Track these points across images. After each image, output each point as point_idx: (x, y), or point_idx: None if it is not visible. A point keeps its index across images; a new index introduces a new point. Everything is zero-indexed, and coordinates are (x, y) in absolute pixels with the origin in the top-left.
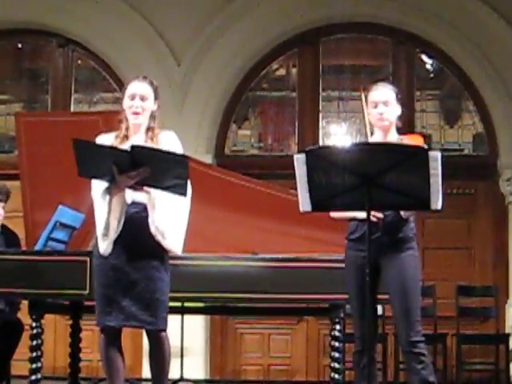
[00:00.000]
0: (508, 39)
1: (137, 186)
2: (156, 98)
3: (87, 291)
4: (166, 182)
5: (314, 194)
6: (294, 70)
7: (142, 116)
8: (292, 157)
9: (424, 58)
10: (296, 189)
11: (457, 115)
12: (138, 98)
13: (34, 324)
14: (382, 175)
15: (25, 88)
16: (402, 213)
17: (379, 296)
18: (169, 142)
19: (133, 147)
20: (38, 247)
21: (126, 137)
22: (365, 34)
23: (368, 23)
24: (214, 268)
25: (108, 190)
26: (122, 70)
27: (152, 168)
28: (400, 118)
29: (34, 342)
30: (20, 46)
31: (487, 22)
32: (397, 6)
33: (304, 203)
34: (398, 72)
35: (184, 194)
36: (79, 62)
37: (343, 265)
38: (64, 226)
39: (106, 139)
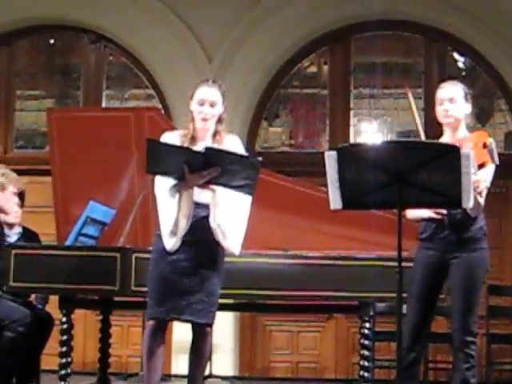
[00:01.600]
0: None
1: (205, 185)
2: (224, 101)
3: (117, 287)
4: (235, 182)
5: (345, 191)
6: (325, 68)
7: (210, 122)
8: (323, 154)
9: (456, 56)
10: (327, 186)
11: (489, 114)
12: (208, 105)
13: (63, 319)
14: (413, 173)
15: (57, 84)
16: (468, 211)
17: None
18: (233, 146)
19: (207, 149)
20: (68, 242)
21: (194, 138)
22: (396, 31)
23: (400, 21)
24: (245, 265)
25: (176, 188)
26: (154, 67)
27: (224, 169)
28: (467, 116)
29: (64, 337)
30: (52, 41)
31: None
32: (429, 3)
33: (335, 201)
34: (429, 70)
35: (251, 193)
36: (111, 58)
37: (374, 263)
38: (95, 221)
39: (171, 137)
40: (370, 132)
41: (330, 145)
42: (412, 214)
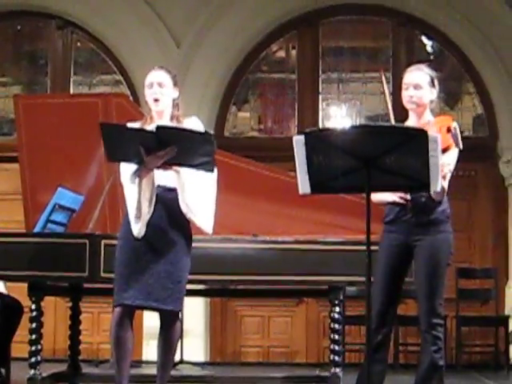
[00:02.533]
0: (509, 21)
1: (166, 166)
2: (175, 84)
3: (86, 274)
4: (193, 160)
5: (313, 176)
6: (293, 52)
7: (161, 102)
8: (291, 139)
9: (424, 39)
10: (295, 171)
11: (457, 97)
12: (156, 85)
13: (33, 306)
14: (381, 157)
15: (24, 70)
16: (432, 194)
17: None
18: (194, 127)
19: (158, 127)
20: (37, 229)
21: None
22: (364, 15)
23: (368, 5)
24: (215, 250)
25: (137, 173)
26: (122, 52)
27: (179, 147)
28: (433, 101)
29: (34, 325)
30: (19, 28)
31: (488, 4)
32: None
33: (303, 185)
34: (397, 54)
35: (212, 170)
36: (78, 44)
37: (344, 247)
38: (63, 208)
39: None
40: (338, 116)
41: (299, 129)
42: (376, 197)
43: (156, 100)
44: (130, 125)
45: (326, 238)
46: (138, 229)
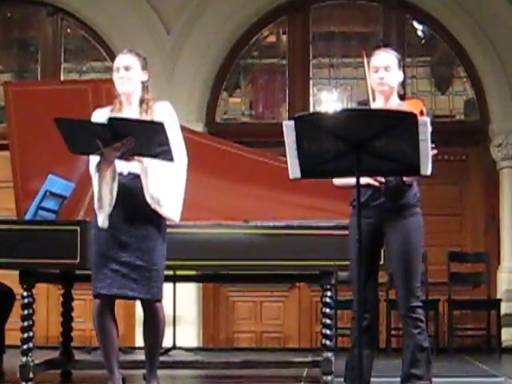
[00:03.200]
0: (500, 6)
1: (128, 157)
2: (144, 68)
3: (78, 260)
4: (152, 150)
5: (304, 160)
6: (284, 37)
7: (128, 84)
8: (282, 124)
9: (415, 24)
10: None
11: (448, 82)
12: (123, 69)
13: (24, 293)
14: (371, 141)
15: (14, 57)
16: (404, 178)
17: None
18: (163, 112)
19: (110, 119)
20: (28, 217)
21: (120, 110)
22: (355, 0)
23: None
24: (206, 236)
25: (99, 165)
26: (112, 39)
27: (135, 138)
28: (399, 84)
29: (26, 312)
30: (9, 15)
31: None
32: None
33: (293, 170)
34: (388, 38)
35: (171, 159)
36: (69, 31)
37: (335, 231)
38: (54, 195)
39: (101, 114)
40: (329, 101)
41: (290, 115)
42: (340, 181)
43: (122, 83)
44: (98, 113)
45: (316, 222)
46: (101, 220)
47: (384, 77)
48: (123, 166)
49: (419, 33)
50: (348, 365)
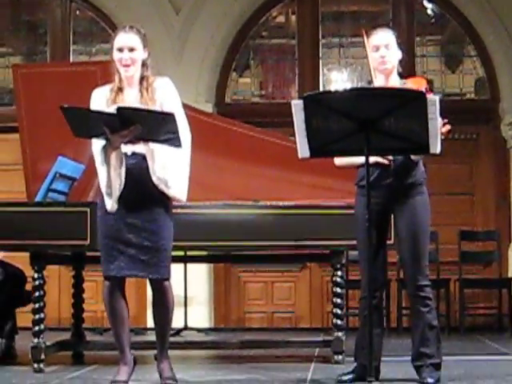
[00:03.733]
0: None
1: (134, 141)
2: (145, 46)
3: (88, 242)
4: (159, 136)
5: (313, 140)
6: (293, 17)
7: (132, 67)
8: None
9: (425, 2)
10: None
11: (458, 60)
12: (127, 50)
13: (35, 275)
14: (380, 120)
15: (23, 40)
16: (412, 156)
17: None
18: (164, 88)
19: (119, 109)
20: (38, 198)
21: (120, 89)
22: None
23: None
24: (217, 216)
25: (105, 149)
26: (121, 20)
27: (144, 126)
28: (400, 62)
29: (37, 293)
30: None
31: None
32: None
33: (302, 150)
34: (398, 17)
35: (179, 145)
36: (77, 12)
37: (345, 211)
38: (64, 177)
39: (101, 93)
40: (339, 81)
41: (300, 95)
42: (341, 160)
43: (126, 66)
44: (98, 93)
45: (327, 202)
46: (110, 204)
47: (385, 55)
48: (127, 147)
49: (429, 11)
50: (358, 344)
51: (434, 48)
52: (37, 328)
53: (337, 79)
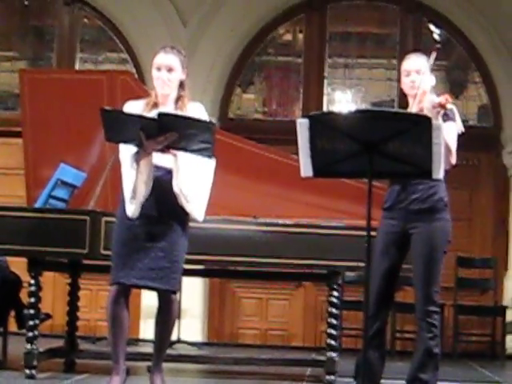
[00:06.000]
0: None
1: (164, 149)
2: (184, 67)
3: (87, 250)
4: (193, 146)
5: (316, 159)
6: (300, 36)
7: (168, 87)
8: (295, 122)
9: (431, 27)
10: (298, 154)
11: (462, 86)
12: (165, 70)
13: (32, 281)
14: (384, 143)
15: (30, 45)
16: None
17: None
18: (197, 113)
19: (160, 115)
20: (38, 204)
21: (156, 104)
22: (372, 1)
23: None
24: (215, 231)
25: (136, 155)
26: (129, 30)
27: (181, 133)
28: (432, 88)
29: (32, 299)
30: (26, 3)
31: None
32: None
33: (305, 168)
34: (404, 41)
35: (210, 156)
36: (85, 20)
37: (344, 232)
38: (65, 184)
39: (134, 106)
40: (343, 101)
41: (304, 113)
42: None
43: (163, 85)
44: (131, 105)
45: (326, 222)
46: (132, 209)
47: (416, 80)
48: (155, 157)
49: (435, 36)
50: (359, 366)
51: (439, 73)
52: (30, 334)
53: (341, 99)
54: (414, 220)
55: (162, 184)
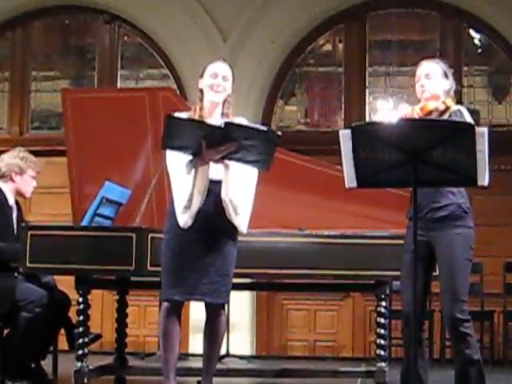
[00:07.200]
0: None
1: (219, 159)
2: (233, 82)
3: (133, 267)
4: (249, 157)
5: (360, 170)
6: (340, 46)
7: (221, 95)
8: (338, 132)
9: (472, 32)
10: (341, 165)
11: (505, 91)
12: (221, 77)
13: (80, 299)
14: (428, 151)
15: (72, 65)
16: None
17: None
18: None
19: (227, 123)
20: (84, 223)
21: (201, 117)
22: (412, 8)
23: None
24: (262, 244)
25: (192, 164)
26: (169, 46)
27: (239, 143)
28: (448, 92)
29: (81, 317)
30: (67, 22)
31: None
32: None
33: (350, 179)
34: (445, 47)
35: (267, 168)
36: (126, 38)
37: (390, 241)
38: (110, 201)
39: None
40: (385, 110)
41: (346, 123)
42: None
43: (218, 92)
44: (182, 116)
45: (372, 232)
46: (185, 219)
47: (424, 84)
48: (211, 167)
49: (476, 41)
50: (404, 377)
51: (481, 78)
52: (80, 352)
53: (383, 108)
54: (434, 229)
55: (213, 195)
